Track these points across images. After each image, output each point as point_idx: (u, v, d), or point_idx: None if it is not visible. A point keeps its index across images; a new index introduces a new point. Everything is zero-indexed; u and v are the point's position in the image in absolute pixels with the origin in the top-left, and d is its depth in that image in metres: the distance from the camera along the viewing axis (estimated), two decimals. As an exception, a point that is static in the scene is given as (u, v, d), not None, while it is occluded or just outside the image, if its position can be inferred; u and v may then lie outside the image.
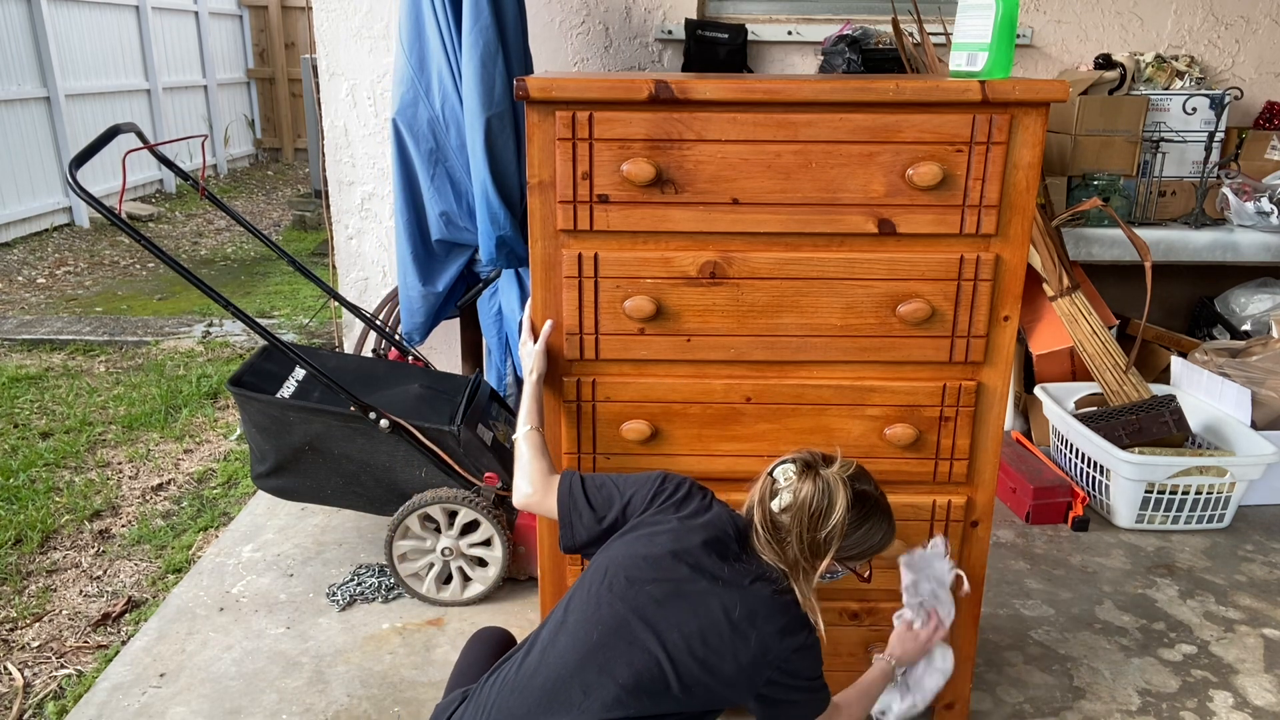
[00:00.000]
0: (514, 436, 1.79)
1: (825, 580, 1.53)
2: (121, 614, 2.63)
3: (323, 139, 3.71)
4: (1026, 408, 3.68)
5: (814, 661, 1.51)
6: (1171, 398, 3.13)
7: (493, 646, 1.80)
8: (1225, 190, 3.65)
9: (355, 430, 2.48)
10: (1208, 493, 2.97)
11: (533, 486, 1.69)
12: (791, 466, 1.49)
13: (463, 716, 1.54)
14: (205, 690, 2.24)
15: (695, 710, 1.47)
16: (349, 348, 3.88)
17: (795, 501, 1.45)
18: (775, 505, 1.48)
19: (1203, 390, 3.29)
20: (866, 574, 1.61)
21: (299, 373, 2.75)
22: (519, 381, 3.03)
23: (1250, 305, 3.84)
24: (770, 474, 1.51)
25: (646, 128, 1.64)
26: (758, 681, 1.46)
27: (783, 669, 1.47)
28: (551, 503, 1.65)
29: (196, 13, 9.83)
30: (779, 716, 1.53)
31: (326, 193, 3.80)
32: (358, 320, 3.41)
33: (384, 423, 2.42)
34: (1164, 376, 3.53)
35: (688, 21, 3.66)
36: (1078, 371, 3.56)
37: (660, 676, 1.43)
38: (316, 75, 3.68)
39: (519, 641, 1.64)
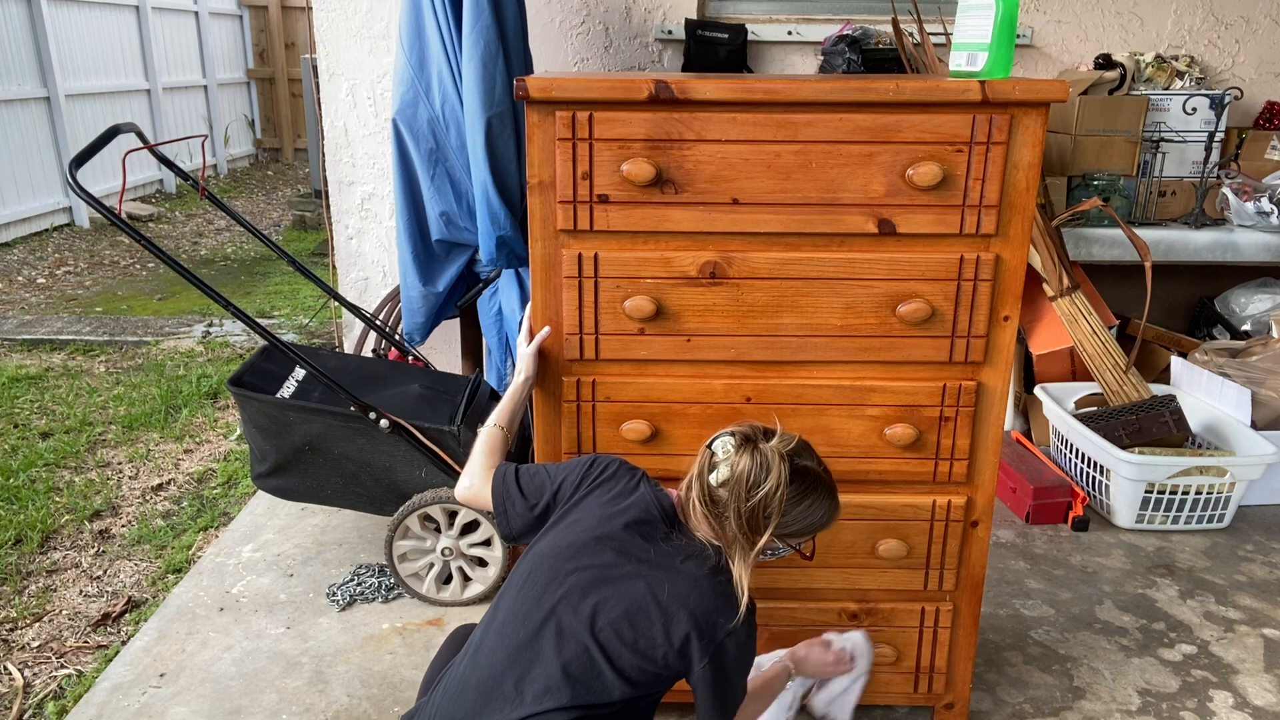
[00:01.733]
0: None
1: (766, 557, 1.50)
2: (121, 614, 2.63)
3: (323, 139, 3.71)
4: (1026, 408, 3.69)
5: (747, 643, 1.48)
6: (1171, 398, 3.13)
7: (464, 644, 1.80)
8: (1225, 190, 3.65)
9: (355, 430, 2.48)
10: (1208, 493, 2.97)
11: (471, 479, 1.69)
12: (730, 440, 1.46)
13: None
14: (205, 690, 2.24)
15: (638, 694, 1.46)
16: (349, 348, 3.88)
17: (733, 475, 1.42)
18: (713, 479, 1.45)
19: (1203, 390, 3.29)
20: (809, 552, 1.57)
21: (299, 373, 2.75)
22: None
23: (1250, 305, 3.84)
24: (709, 447, 1.48)
25: (646, 128, 1.64)
26: (695, 661, 1.43)
27: (719, 648, 1.44)
28: (487, 494, 1.64)
29: (196, 13, 9.83)
30: (717, 698, 1.49)
31: (326, 193, 3.80)
32: (358, 320, 3.41)
33: (384, 423, 2.42)
34: (1164, 376, 3.53)
35: (688, 21, 3.66)
36: (1078, 371, 3.56)
37: (590, 664, 1.42)
38: (316, 75, 3.68)
39: None
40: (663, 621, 1.43)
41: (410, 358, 3.22)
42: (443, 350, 3.81)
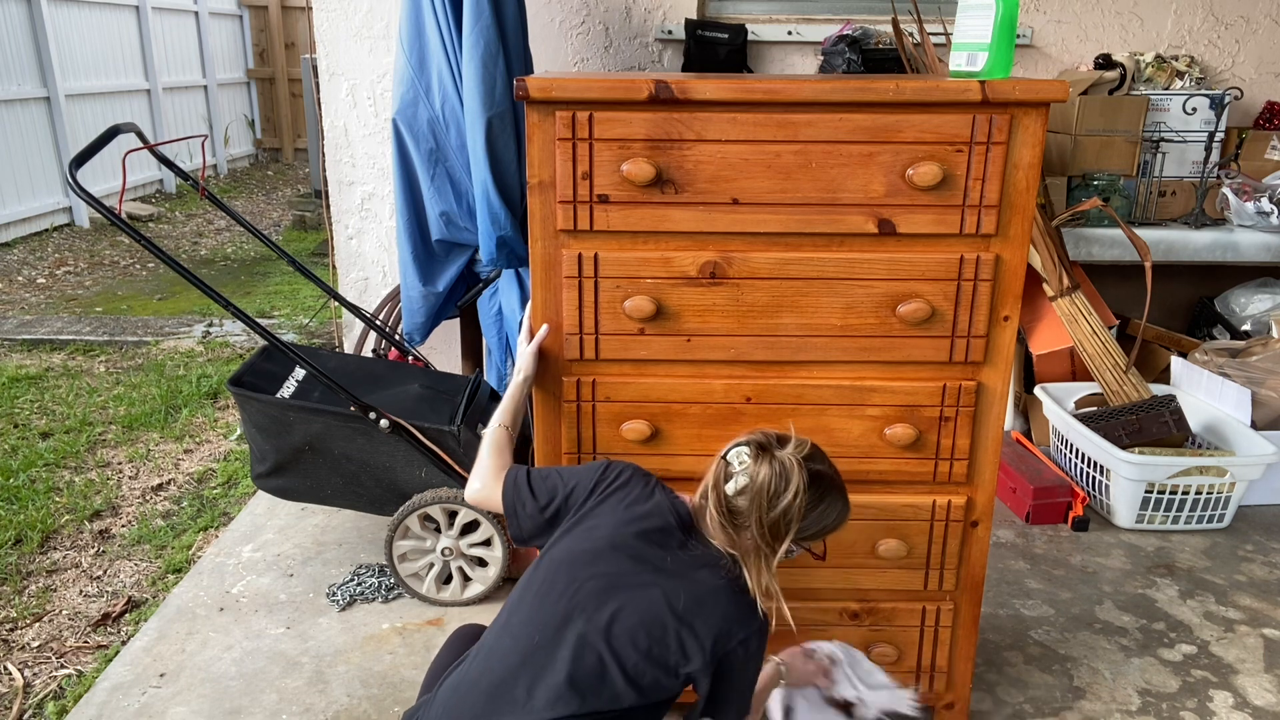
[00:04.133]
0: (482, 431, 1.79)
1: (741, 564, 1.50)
2: (121, 614, 2.63)
3: (323, 139, 3.71)
4: (1026, 408, 3.69)
5: (756, 652, 1.49)
6: (1171, 398, 3.13)
7: (468, 643, 1.80)
8: (1225, 190, 3.65)
9: (355, 430, 2.48)
10: (1208, 493, 2.97)
11: (482, 481, 1.68)
12: (746, 449, 1.47)
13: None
14: (205, 690, 2.24)
15: (648, 702, 1.46)
16: (349, 348, 3.88)
17: (753, 485, 1.43)
18: (730, 489, 1.46)
19: (1203, 390, 3.29)
20: (821, 552, 1.58)
21: (299, 373, 2.75)
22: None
23: (1250, 305, 3.84)
24: (724, 457, 1.49)
25: (646, 128, 1.64)
26: (706, 668, 1.44)
27: (731, 656, 1.46)
28: (498, 496, 1.64)
29: (196, 13, 9.83)
30: (729, 702, 1.51)
31: (326, 193, 3.80)
32: (358, 320, 3.41)
33: (384, 423, 2.42)
34: (1164, 376, 3.53)
35: (688, 21, 3.66)
36: (1078, 371, 3.56)
37: (603, 671, 1.42)
38: (316, 75, 3.68)
39: None
40: (677, 630, 1.43)
41: (410, 358, 3.22)
42: (443, 350, 3.80)
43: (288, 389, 2.66)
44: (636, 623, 1.43)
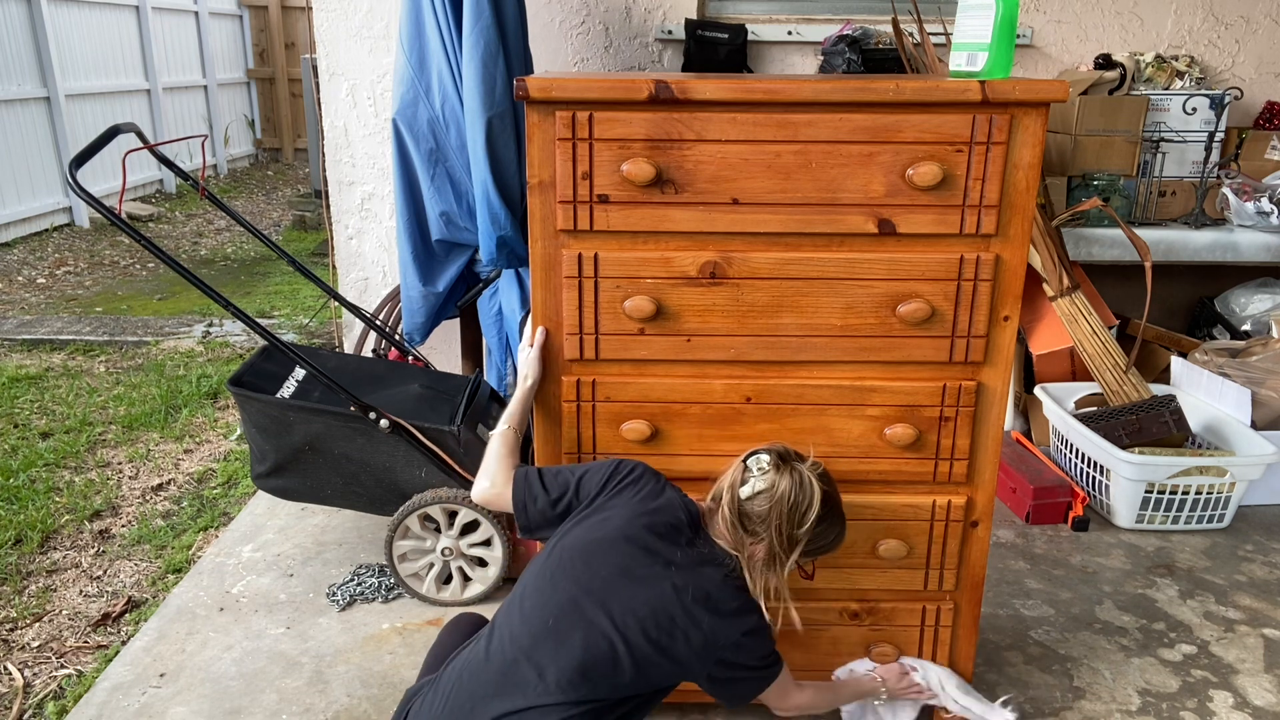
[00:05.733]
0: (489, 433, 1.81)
1: (747, 568, 1.58)
2: (121, 614, 2.63)
3: (323, 139, 3.71)
4: (1026, 408, 3.68)
5: (764, 642, 1.56)
6: (1171, 398, 3.12)
7: (467, 631, 1.82)
8: (1225, 190, 3.65)
9: (355, 430, 2.48)
10: (1208, 493, 2.97)
11: (491, 480, 1.71)
12: (766, 457, 1.53)
13: (424, 700, 1.58)
14: (205, 690, 2.24)
15: (648, 690, 1.52)
16: (349, 348, 3.88)
17: (772, 494, 1.49)
18: (745, 492, 1.52)
19: (1203, 390, 3.29)
20: (810, 571, 1.69)
21: (299, 373, 2.75)
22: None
23: (1250, 305, 3.84)
24: (744, 462, 1.55)
25: (646, 128, 1.64)
26: (709, 661, 1.51)
27: (734, 649, 1.52)
28: (508, 494, 1.67)
29: (196, 13, 9.83)
30: (729, 693, 1.58)
31: (326, 193, 3.80)
32: (358, 320, 3.41)
33: (384, 423, 2.42)
34: (1164, 376, 3.53)
35: (688, 21, 3.66)
36: (1078, 371, 3.56)
37: (613, 657, 1.46)
38: (316, 75, 3.68)
39: None
40: (685, 622, 1.48)
41: (410, 358, 3.22)
42: (443, 350, 3.81)
43: (288, 389, 2.66)
44: (647, 613, 1.48)
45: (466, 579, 2.59)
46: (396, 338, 3.29)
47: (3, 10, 6.84)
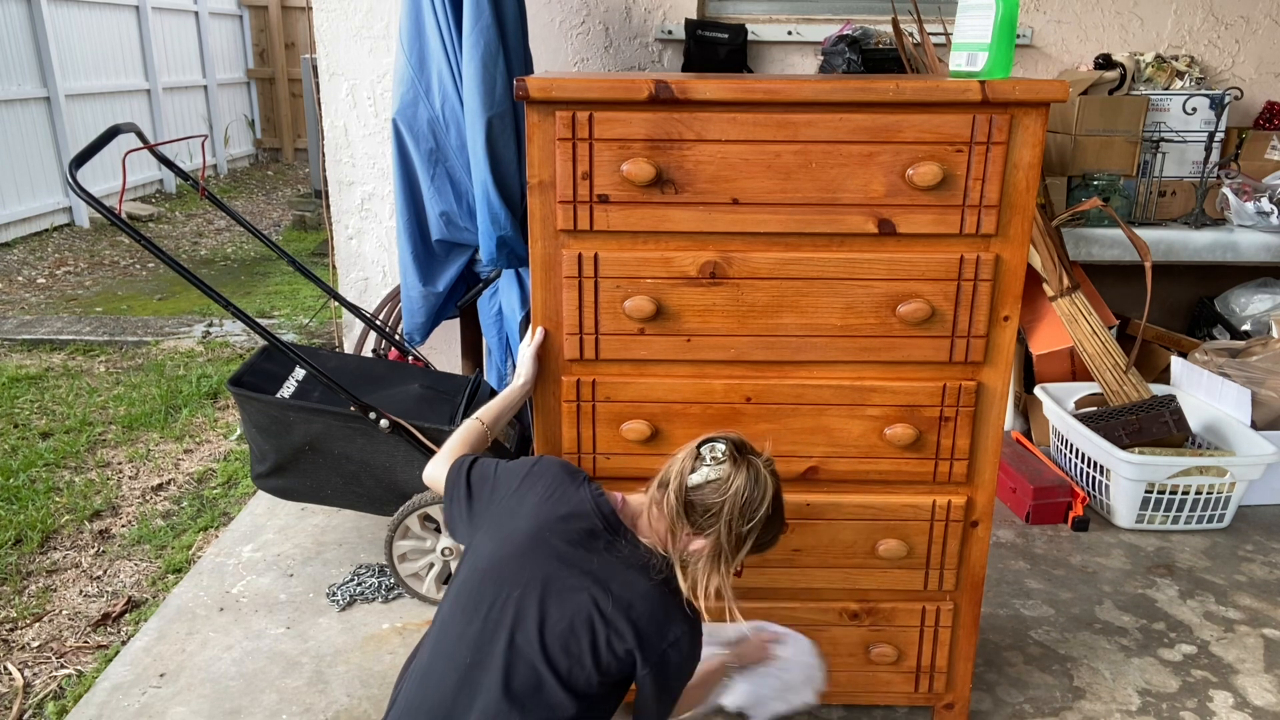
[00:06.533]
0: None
1: (681, 564, 1.47)
2: (121, 614, 2.63)
3: (323, 139, 3.71)
4: (1026, 408, 3.69)
5: (690, 653, 1.47)
6: (1171, 398, 3.13)
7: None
8: (1225, 190, 3.65)
9: (355, 430, 2.48)
10: (1208, 493, 2.97)
11: (437, 465, 1.67)
12: (721, 446, 1.43)
13: None
14: (205, 690, 2.24)
15: (590, 706, 1.43)
16: (349, 348, 3.88)
17: (726, 487, 1.40)
18: (693, 480, 1.41)
19: (1203, 390, 3.29)
20: (739, 569, 1.53)
21: (299, 373, 2.75)
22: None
23: (1250, 305, 3.84)
24: (697, 448, 1.45)
25: (646, 128, 1.64)
26: (636, 669, 1.42)
27: (664, 658, 1.43)
28: (443, 483, 1.63)
29: (196, 13, 9.83)
30: (653, 704, 1.49)
31: (326, 193, 3.80)
32: (358, 320, 3.41)
33: (384, 423, 2.42)
34: (1164, 376, 3.53)
35: (688, 21, 3.66)
36: (1078, 371, 3.56)
37: (538, 681, 1.39)
38: (316, 75, 3.68)
39: None
40: (606, 634, 1.40)
41: (410, 358, 3.22)
42: (443, 350, 3.80)
43: (288, 389, 2.66)
44: (566, 628, 1.40)
45: (466, 579, 2.58)
46: (396, 338, 3.29)
47: (3, 10, 6.84)
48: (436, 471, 1.67)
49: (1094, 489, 3.13)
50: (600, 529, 1.47)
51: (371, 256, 3.85)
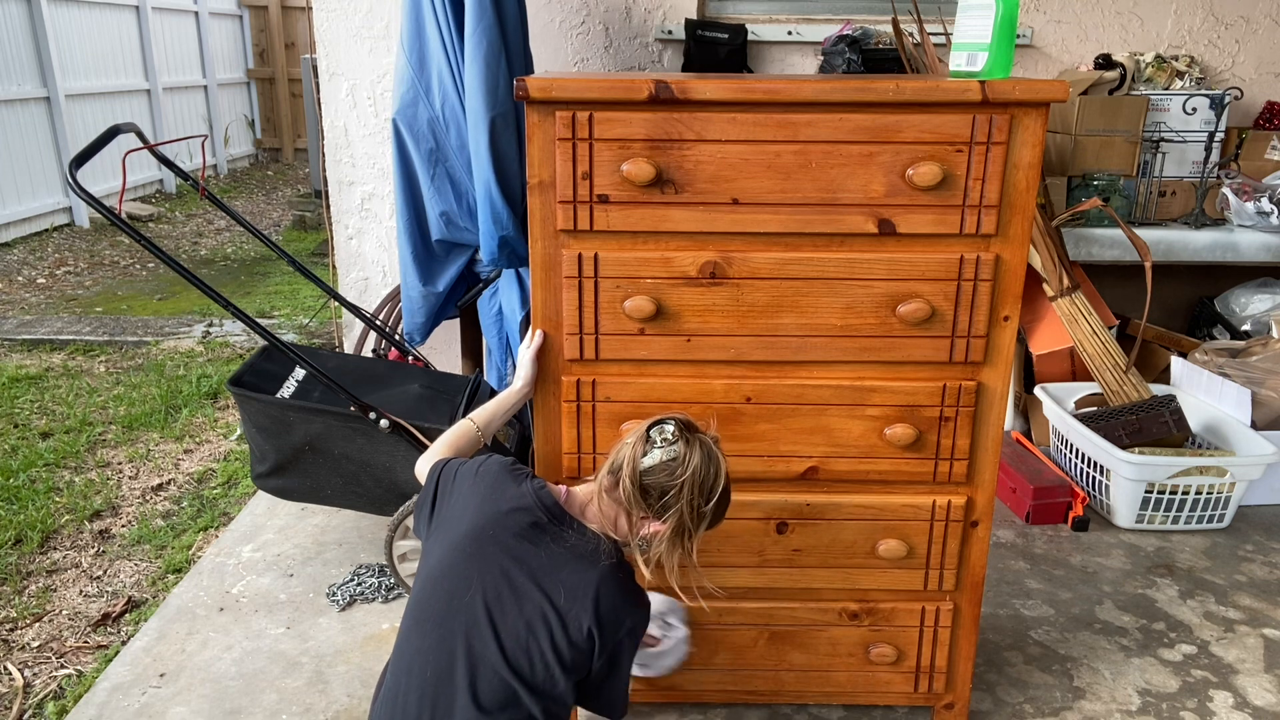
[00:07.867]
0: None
1: (639, 548, 1.48)
2: (121, 614, 2.63)
3: (323, 139, 3.71)
4: (1026, 408, 3.68)
5: (641, 631, 1.49)
6: (1171, 398, 3.13)
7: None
8: (1225, 190, 3.65)
9: (355, 430, 2.48)
10: (1208, 493, 2.97)
11: (419, 465, 1.68)
12: (671, 427, 1.43)
13: None
14: (205, 690, 2.24)
15: (558, 699, 1.43)
16: (349, 348, 3.88)
17: (683, 466, 1.40)
18: (646, 463, 1.41)
19: (1203, 390, 3.29)
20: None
21: (299, 373, 2.75)
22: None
23: (1250, 305, 3.84)
24: (647, 431, 1.44)
25: (646, 128, 1.64)
26: (593, 659, 1.43)
27: (619, 647, 1.45)
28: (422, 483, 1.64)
29: (196, 13, 9.83)
30: (604, 691, 1.49)
31: (326, 193, 3.80)
32: (358, 320, 3.41)
33: (384, 423, 2.42)
34: (1164, 376, 3.53)
35: (688, 21, 3.66)
36: (1078, 371, 3.56)
37: (506, 690, 1.39)
38: (316, 75, 3.68)
39: None
40: (563, 627, 1.40)
41: (410, 358, 3.22)
42: (443, 350, 3.81)
43: (288, 389, 2.66)
44: (523, 628, 1.40)
45: (466, 579, 2.58)
46: (396, 338, 3.29)
47: (3, 10, 6.84)
48: (420, 468, 1.69)
49: (1094, 489, 3.13)
50: (545, 521, 1.47)
51: (371, 256, 3.85)
